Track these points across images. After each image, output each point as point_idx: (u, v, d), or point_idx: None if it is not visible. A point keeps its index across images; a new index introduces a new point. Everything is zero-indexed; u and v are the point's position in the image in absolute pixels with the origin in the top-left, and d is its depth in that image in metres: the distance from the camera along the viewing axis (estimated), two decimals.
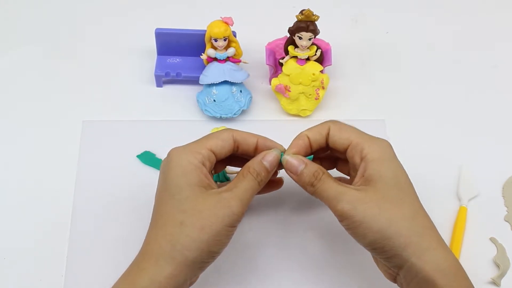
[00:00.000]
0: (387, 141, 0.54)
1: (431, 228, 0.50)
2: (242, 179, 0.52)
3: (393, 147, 0.54)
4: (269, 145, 0.55)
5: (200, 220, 0.49)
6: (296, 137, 0.55)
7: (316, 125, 0.56)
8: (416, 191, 0.52)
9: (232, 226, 0.50)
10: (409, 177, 0.52)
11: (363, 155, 0.52)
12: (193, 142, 0.54)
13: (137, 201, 0.62)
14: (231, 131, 0.54)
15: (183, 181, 0.50)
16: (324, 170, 0.53)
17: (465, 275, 0.49)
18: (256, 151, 0.55)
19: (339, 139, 0.54)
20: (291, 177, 0.54)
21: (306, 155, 0.55)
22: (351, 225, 0.50)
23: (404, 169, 0.53)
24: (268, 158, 0.53)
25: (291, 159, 0.53)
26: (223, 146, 0.53)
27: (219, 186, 0.52)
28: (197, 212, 0.49)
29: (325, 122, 0.55)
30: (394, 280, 0.52)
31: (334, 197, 0.50)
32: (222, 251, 0.51)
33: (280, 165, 0.54)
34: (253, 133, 0.55)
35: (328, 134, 0.55)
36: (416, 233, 0.49)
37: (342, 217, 0.50)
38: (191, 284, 0.52)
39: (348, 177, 0.59)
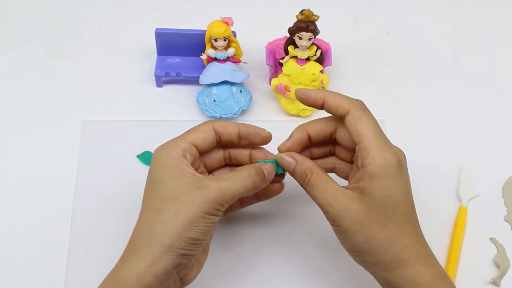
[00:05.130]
0: (397, 155, 0.50)
1: (412, 247, 0.50)
2: (236, 172, 0.52)
3: (405, 159, 0.50)
4: (251, 132, 0.55)
5: (175, 205, 0.48)
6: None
7: (339, 99, 0.53)
8: (413, 206, 0.51)
9: (209, 214, 0.49)
10: (409, 193, 0.50)
11: (364, 164, 0.49)
12: (175, 137, 0.54)
13: (137, 201, 0.61)
14: (211, 122, 0.55)
15: (164, 173, 0.50)
16: (314, 169, 0.52)
17: None
18: (239, 139, 0.55)
19: (352, 130, 0.51)
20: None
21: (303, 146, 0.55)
22: (336, 230, 0.51)
23: (404, 186, 0.50)
24: (266, 166, 0.54)
25: (283, 157, 0.54)
26: (204, 138, 0.54)
27: None
28: (174, 198, 0.49)
29: (349, 100, 0.52)
30: None
31: (323, 205, 0.51)
32: (204, 239, 0.49)
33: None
34: (234, 122, 0.55)
35: (345, 115, 0.52)
36: (392, 253, 0.49)
37: (331, 222, 0.52)
38: (186, 281, 0.51)
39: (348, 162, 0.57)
